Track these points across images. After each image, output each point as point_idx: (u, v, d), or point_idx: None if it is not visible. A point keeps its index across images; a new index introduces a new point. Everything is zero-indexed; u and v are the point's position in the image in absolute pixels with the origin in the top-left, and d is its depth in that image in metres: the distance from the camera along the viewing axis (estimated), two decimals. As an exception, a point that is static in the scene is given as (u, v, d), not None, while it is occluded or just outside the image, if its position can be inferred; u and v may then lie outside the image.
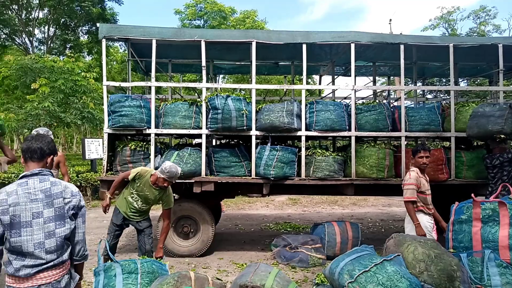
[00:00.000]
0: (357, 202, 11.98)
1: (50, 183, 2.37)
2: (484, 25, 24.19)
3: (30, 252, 2.24)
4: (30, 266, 2.23)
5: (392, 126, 6.12)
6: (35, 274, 2.24)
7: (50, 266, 2.28)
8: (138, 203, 4.65)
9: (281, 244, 5.96)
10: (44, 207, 2.31)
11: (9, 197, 2.27)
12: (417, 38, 6.45)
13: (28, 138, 2.49)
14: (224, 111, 5.73)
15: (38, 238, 2.26)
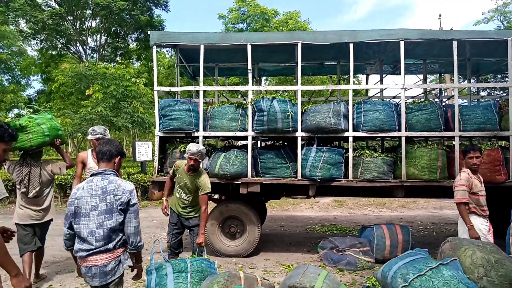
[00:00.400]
0: (406, 205, 11.58)
1: (108, 181, 2.80)
2: (546, 16, 22.55)
3: (84, 238, 2.72)
4: (84, 250, 2.72)
5: (445, 126, 5.87)
6: (86, 256, 2.73)
7: (98, 252, 2.72)
8: (183, 196, 4.85)
9: (328, 246, 5.89)
10: (100, 202, 2.75)
11: (77, 191, 2.80)
12: (471, 33, 6.14)
13: (101, 142, 3.03)
14: (270, 113, 5.78)
15: (92, 228, 2.72)
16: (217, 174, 5.87)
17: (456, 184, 4.26)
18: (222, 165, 5.87)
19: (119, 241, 2.80)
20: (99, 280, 2.75)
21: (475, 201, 4.19)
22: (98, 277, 2.75)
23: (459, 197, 4.16)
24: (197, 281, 3.84)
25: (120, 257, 2.82)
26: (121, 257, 2.84)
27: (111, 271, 2.77)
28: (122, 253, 2.84)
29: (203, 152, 4.71)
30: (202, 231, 4.64)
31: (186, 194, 4.83)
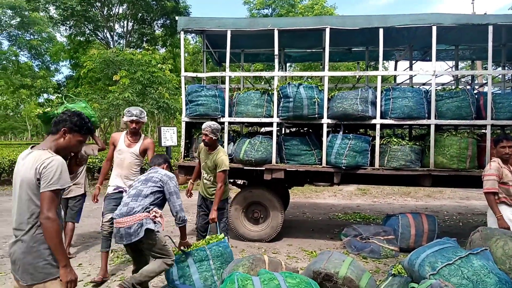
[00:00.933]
0: (431, 194, 11.37)
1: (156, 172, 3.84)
2: None
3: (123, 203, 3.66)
4: (117, 213, 3.57)
5: (476, 114, 5.69)
6: (117, 218, 3.51)
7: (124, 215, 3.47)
8: (205, 175, 4.92)
9: (352, 234, 5.87)
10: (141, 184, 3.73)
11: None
12: (508, 17, 5.89)
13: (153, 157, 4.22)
14: (295, 99, 5.74)
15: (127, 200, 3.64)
16: (242, 159, 5.91)
17: (486, 173, 4.15)
18: (247, 151, 5.90)
19: (141, 208, 3.48)
20: (125, 240, 3.39)
21: (505, 191, 4.08)
22: (124, 238, 3.40)
23: (488, 186, 4.06)
24: (219, 265, 3.92)
25: (142, 221, 3.43)
26: (143, 221, 3.43)
27: (134, 232, 3.38)
28: (144, 218, 3.45)
29: (213, 127, 4.67)
30: (215, 207, 4.60)
31: (207, 173, 4.88)
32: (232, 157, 6.16)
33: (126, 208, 3.51)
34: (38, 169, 2.25)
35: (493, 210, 4.02)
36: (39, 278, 2.26)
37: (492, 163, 4.18)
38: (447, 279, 2.54)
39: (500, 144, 4.19)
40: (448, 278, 2.55)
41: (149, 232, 3.45)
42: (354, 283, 3.33)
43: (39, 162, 2.26)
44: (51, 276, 2.28)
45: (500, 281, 2.50)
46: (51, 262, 2.28)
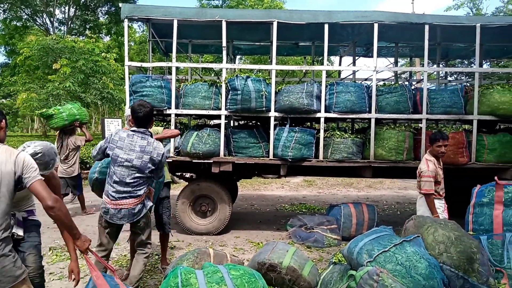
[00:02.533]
0: (372, 185, 11.95)
1: (147, 142, 3.36)
2: (512, 4, 23.27)
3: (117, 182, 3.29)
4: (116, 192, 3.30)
5: (413, 109, 6.03)
6: (117, 199, 3.29)
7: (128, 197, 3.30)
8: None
9: (297, 224, 6.03)
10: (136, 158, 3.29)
11: (118, 141, 3.34)
12: (443, 18, 6.28)
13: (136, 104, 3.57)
14: (243, 92, 5.75)
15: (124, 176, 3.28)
16: (189, 152, 5.83)
17: (425, 174, 4.22)
18: (194, 144, 5.83)
19: (144, 188, 3.39)
20: (127, 220, 3.36)
21: (436, 188, 4.28)
22: (126, 218, 3.34)
23: (427, 188, 4.17)
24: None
25: (144, 201, 3.43)
26: (145, 201, 3.45)
27: (138, 212, 3.37)
28: (145, 198, 3.46)
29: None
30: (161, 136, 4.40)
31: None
32: (179, 150, 6.06)
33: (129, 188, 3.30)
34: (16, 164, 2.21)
35: (431, 210, 4.14)
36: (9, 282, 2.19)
37: (429, 163, 4.25)
38: (383, 265, 2.69)
39: (436, 143, 4.29)
40: (384, 265, 2.69)
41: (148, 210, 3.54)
42: (297, 272, 3.43)
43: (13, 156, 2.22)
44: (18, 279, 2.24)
45: (430, 265, 2.68)
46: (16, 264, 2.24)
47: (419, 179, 4.31)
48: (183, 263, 3.53)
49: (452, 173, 5.59)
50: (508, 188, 3.13)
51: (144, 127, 3.44)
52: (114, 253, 5.29)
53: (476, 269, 2.79)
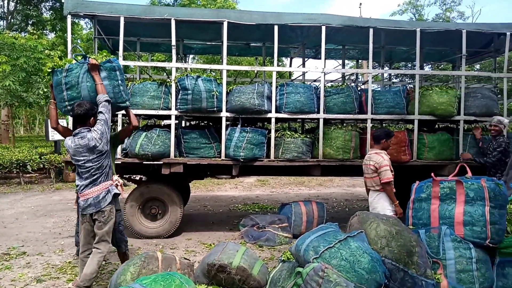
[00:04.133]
0: (323, 183, 12.28)
1: (87, 139, 3.56)
2: (450, 11, 24.89)
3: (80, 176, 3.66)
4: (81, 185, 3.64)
5: (359, 109, 6.26)
6: (84, 190, 3.63)
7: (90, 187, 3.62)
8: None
9: (249, 224, 6.06)
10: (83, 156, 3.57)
11: (69, 149, 3.65)
12: (386, 22, 6.57)
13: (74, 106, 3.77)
14: (194, 92, 5.68)
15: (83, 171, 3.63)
16: (138, 154, 5.67)
17: (382, 164, 4.39)
18: (143, 145, 5.67)
19: (104, 177, 3.65)
20: (94, 208, 3.60)
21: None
22: (93, 206, 3.60)
23: (388, 176, 4.34)
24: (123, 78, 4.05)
25: (108, 188, 3.66)
26: (109, 188, 3.67)
27: (103, 199, 3.61)
28: (110, 186, 3.68)
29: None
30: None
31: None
32: (126, 151, 5.88)
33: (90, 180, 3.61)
34: None
35: (391, 198, 4.37)
36: None
37: (383, 155, 4.49)
38: (328, 261, 2.76)
39: (391, 139, 4.68)
40: (329, 261, 2.76)
41: (115, 197, 3.72)
42: (246, 272, 3.44)
43: None
44: None
45: (372, 259, 2.79)
46: None
47: (379, 171, 4.42)
48: (129, 268, 3.42)
49: (395, 170, 5.85)
50: (444, 184, 3.33)
51: (82, 125, 3.65)
52: (58, 260, 5.05)
53: (415, 261, 2.93)
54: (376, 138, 4.72)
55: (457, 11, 25.21)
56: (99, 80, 3.77)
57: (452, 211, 3.21)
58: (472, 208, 3.14)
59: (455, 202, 3.23)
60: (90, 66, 3.77)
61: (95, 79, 3.77)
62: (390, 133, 4.71)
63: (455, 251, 3.09)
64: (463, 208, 3.17)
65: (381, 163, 4.42)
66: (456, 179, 3.30)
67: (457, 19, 24.70)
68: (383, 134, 4.69)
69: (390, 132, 4.73)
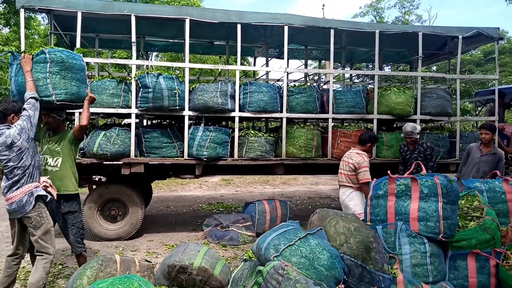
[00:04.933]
0: (287, 182, 12.41)
1: (5, 136, 3.36)
2: (408, 14, 25.83)
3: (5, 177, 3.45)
4: (4, 187, 3.43)
5: (320, 108, 6.36)
6: (7, 193, 3.41)
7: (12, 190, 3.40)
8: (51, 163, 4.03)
9: (213, 223, 6.01)
10: (5, 155, 3.37)
11: None
12: (347, 23, 6.71)
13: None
14: (155, 90, 5.56)
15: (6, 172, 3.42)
16: (96, 154, 5.48)
17: (363, 165, 4.56)
18: (101, 144, 5.49)
19: (27, 178, 3.41)
20: (19, 213, 3.39)
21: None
22: (18, 211, 3.39)
23: (367, 176, 4.49)
24: (57, 71, 3.69)
25: (32, 190, 3.41)
26: (33, 190, 3.42)
27: (27, 203, 3.38)
28: (34, 188, 3.43)
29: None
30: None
31: (53, 157, 3.96)
32: (84, 151, 5.67)
33: (13, 180, 3.41)
34: None
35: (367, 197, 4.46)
36: None
37: (364, 156, 4.66)
38: (288, 259, 2.77)
39: (374, 145, 5.04)
40: (289, 258, 2.77)
41: (40, 200, 3.48)
42: (208, 272, 3.41)
43: None
44: None
45: (331, 256, 2.82)
46: None
47: (358, 171, 4.56)
48: (86, 272, 3.30)
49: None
50: (400, 181, 3.43)
51: (3, 122, 3.47)
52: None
53: (373, 257, 3.00)
54: (362, 140, 4.86)
55: (415, 15, 26.22)
56: (29, 77, 3.58)
57: (407, 207, 3.31)
58: (426, 204, 3.25)
59: (410, 198, 3.33)
60: (21, 63, 3.63)
61: (25, 76, 3.58)
62: (375, 138, 4.96)
63: (410, 246, 3.19)
64: (418, 204, 3.27)
65: (361, 163, 4.58)
66: (411, 177, 3.40)
67: (415, 22, 25.67)
68: (369, 137, 4.86)
69: (376, 138, 4.96)
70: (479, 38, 6.98)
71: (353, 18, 28.19)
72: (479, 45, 8.75)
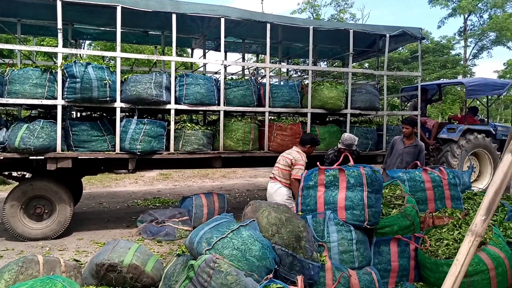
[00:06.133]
0: (226, 175, 12.43)
1: None
2: (343, 12, 26.86)
3: None
4: None
5: (258, 102, 6.42)
6: None
7: None
8: None
9: (148, 219, 5.86)
10: None
11: None
12: (283, 18, 6.80)
13: None
14: (83, 80, 5.27)
15: None
16: (18, 148, 5.09)
17: (299, 162, 4.76)
18: (24, 138, 5.10)
19: None
20: None
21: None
22: None
23: (300, 174, 4.48)
24: None
25: None
26: None
27: None
28: None
29: None
30: None
31: None
32: (4, 145, 5.23)
33: None
34: None
35: (295, 193, 4.62)
36: None
37: (303, 156, 4.86)
38: (220, 252, 2.77)
39: (315, 147, 5.18)
40: (222, 251, 2.78)
41: None
42: (139, 269, 3.31)
43: None
44: None
45: (263, 246, 2.88)
46: None
47: (293, 167, 4.73)
48: (4, 276, 3.05)
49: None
50: (329, 172, 3.57)
51: None
52: None
53: (303, 246, 3.10)
54: (303, 141, 5.10)
55: (350, 13, 27.33)
56: None
57: (335, 197, 3.46)
58: (353, 193, 3.43)
59: (338, 188, 3.48)
60: None
61: None
62: (316, 142, 5.18)
63: (338, 234, 3.34)
64: (345, 193, 3.43)
65: (298, 161, 4.77)
66: (339, 168, 3.56)
67: (349, 20, 26.75)
68: (310, 140, 5.09)
69: (317, 141, 5.19)
70: (404, 37, 7.44)
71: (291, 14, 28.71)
72: (405, 44, 9.34)
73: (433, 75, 21.59)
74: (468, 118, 8.59)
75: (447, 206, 4.22)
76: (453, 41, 26.83)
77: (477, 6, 25.74)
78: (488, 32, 25.30)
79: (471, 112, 9.15)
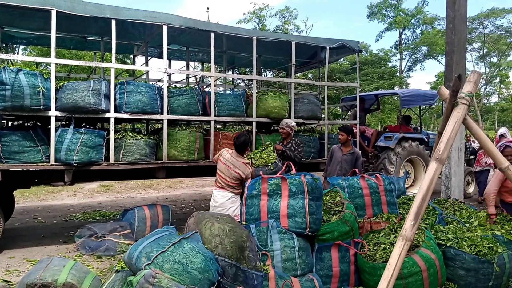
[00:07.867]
0: (172, 185, 12.16)
1: None
2: (288, 24, 27.59)
3: None
4: None
5: (203, 111, 6.36)
6: None
7: None
8: None
9: (86, 234, 5.56)
10: None
11: None
12: (226, 28, 6.84)
13: None
14: (14, 87, 4.93)
15: None
16: None
17: (249, 176, 4.76)
18: None
19: None
20: None
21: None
22: None
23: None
24: None
25: None
26: None
27: None
28: None
29: None
30: None
31: None
32: None
33: None
34: None
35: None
36: None
37: (249, 166, 4.84)
38: (161, 266, 2.69)
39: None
40: (162, 265, 2.69)
41: None
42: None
43: None
44: None
45: (205, 258, 2.83)
46: None
47: (246, 181, 4.57)
48: None
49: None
50: (271, 180, 3.62)
51: None
52: None
53: (246, 256, 3.09)
54: (239, 148, 4.85)
55: (294, 24, 28.16)
56: None
57: (278, 205, 3.51)
58: (295, 201, 3.49)
59: (280, 197, 3.53)
60: None
61: None
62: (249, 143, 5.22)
63: (281, 242, 3.38)
64: (287, 202, 3.49)
65: (248, 175, 4.73)
66: (282, 176, 3.62)
67: (294, 32, 27.53)
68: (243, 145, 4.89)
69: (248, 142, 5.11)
70: (344, 49, 7.78)
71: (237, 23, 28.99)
72: (344, 56, 9.73)
73: (371, 86, 22.79)
74: (402, 127, 9.13)
75: (384, 211, 4.43)
76: (390, 53, 28.56)
77: (410, 22, 27.63)
78: (420, 46, 27.22)
79: (404, 121, 9.75)
